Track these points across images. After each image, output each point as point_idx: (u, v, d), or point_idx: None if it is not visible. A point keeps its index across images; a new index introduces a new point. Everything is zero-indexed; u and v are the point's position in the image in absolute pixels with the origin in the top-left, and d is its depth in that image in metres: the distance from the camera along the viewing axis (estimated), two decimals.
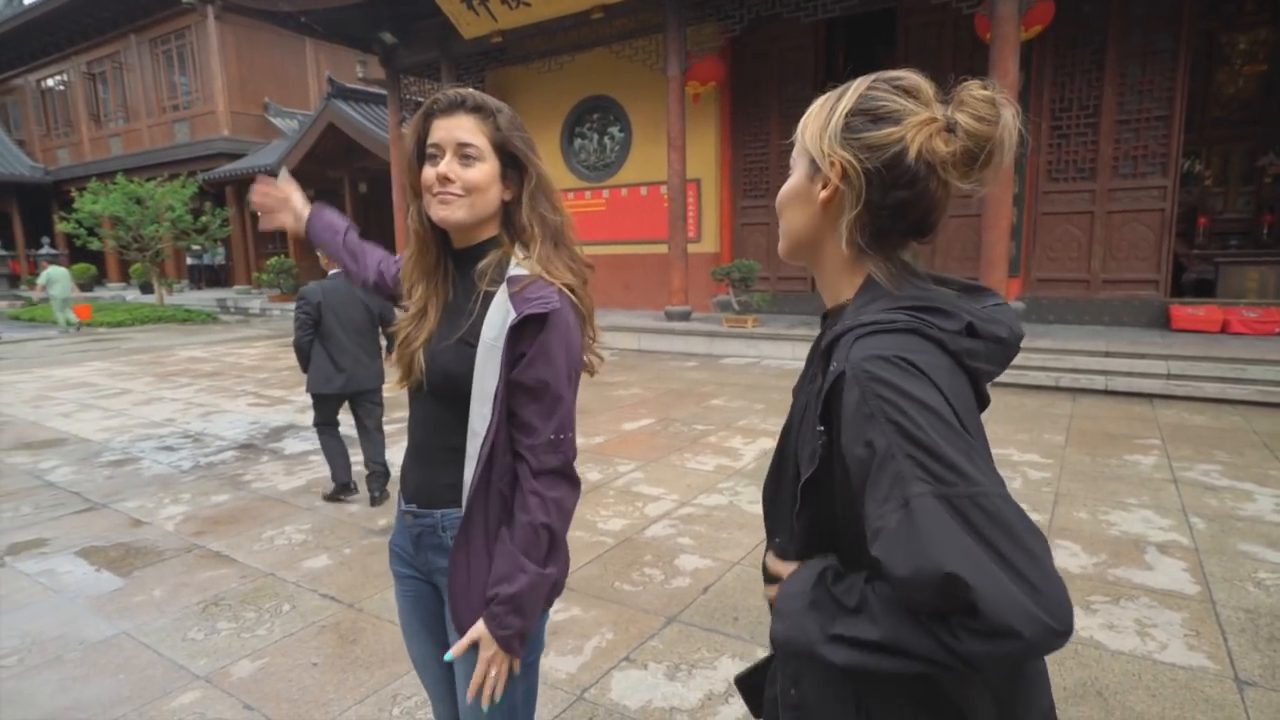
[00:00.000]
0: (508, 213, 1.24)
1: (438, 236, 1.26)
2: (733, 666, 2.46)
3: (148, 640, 2.74)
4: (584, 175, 12.68)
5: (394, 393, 1.83)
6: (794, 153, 0.90)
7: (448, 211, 1.18)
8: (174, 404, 7.17)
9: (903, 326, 0.76)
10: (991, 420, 5.72)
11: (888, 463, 0.69)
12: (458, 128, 1.16)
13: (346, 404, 4.26)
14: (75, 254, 23.24)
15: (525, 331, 1.13)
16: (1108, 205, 8.73)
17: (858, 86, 0.85)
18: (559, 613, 2.87)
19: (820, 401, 0.78)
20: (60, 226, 17.15)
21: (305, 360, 4.13)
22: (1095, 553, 3.29)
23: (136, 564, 3.44)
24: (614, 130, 12.29)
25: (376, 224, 17.08)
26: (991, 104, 0.81)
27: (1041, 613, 0.62)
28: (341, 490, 4.26)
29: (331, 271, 4.08)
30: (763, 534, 0.94)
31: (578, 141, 12.74)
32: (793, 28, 10.17)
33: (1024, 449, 4.93)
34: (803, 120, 0.89)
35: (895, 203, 0.81)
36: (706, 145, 11.14)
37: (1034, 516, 3.68)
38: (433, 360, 1.21)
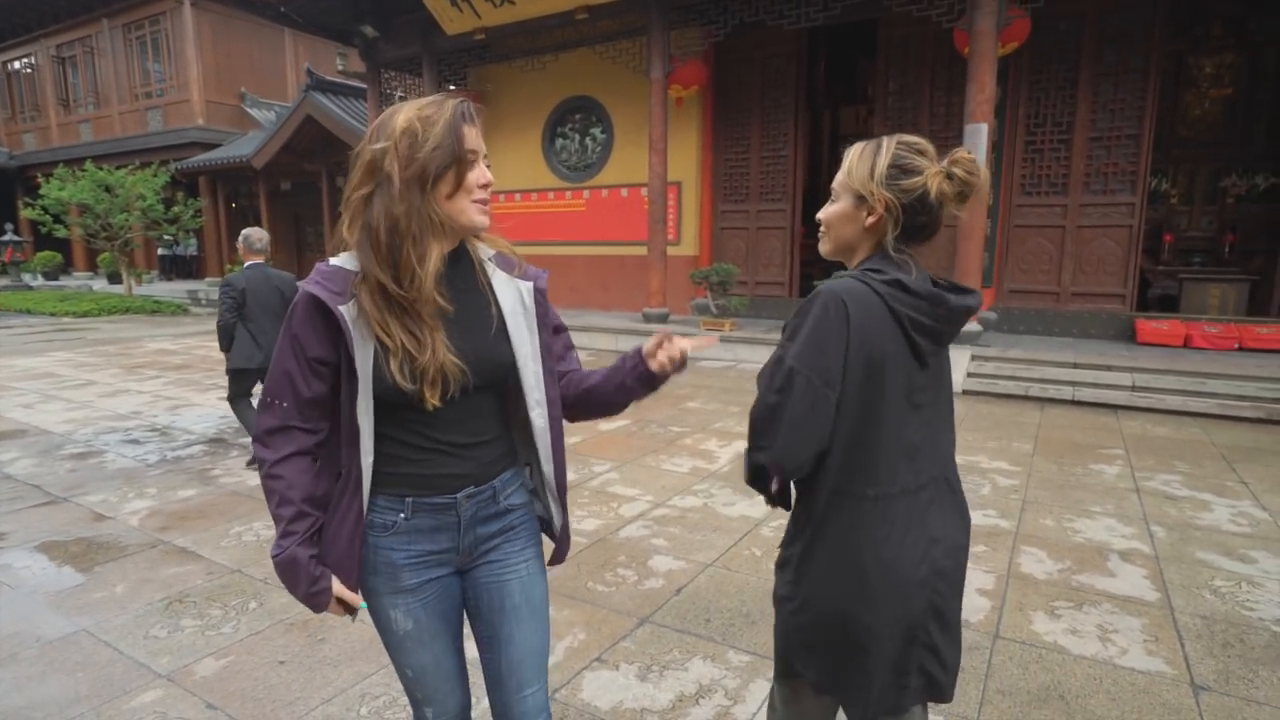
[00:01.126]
0: None
1: None
2: (704, 668, 2.47)
3: (108, 638, 2.68)
4: (565, 175, 12.66)
5: None
6: (837, 185, 1.36)
7: (487, 219, 1.26)
8: (141, 396, 7.02)
9: (856, 277, 1.29)
10: (962, 428, 5.81)
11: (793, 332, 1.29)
12: (481, 139, 1.23)
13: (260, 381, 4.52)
14: (40, 241, 22.67)
15: (545, 294, 1.37)
16: (1078, 220, 8.91)
17: (889, 146, 1.31)
18: None
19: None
20: (25, 213, 16.71)
21: (228, 340, 4.61)
22: (1060, 559, 3.35)
23: (98, 559, 3.36)
24: (596, 131, 12.28)
25: None
26: (974, 163, 1.29)
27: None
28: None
29: (248, 262, 4.67)
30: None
31: (559, 141, 12.71)
32: (776, 34, 10.24)
33: (993, 456, 5.02)
34: (847, 165, 1.34)
35: (919, 224, 1.31)
36: (688, 148, 11.18)
37: (1001, 523, 3.75)
38: (479, 358, 1.25)
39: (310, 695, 2.32)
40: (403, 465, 1.27)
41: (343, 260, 1.23)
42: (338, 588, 1.26)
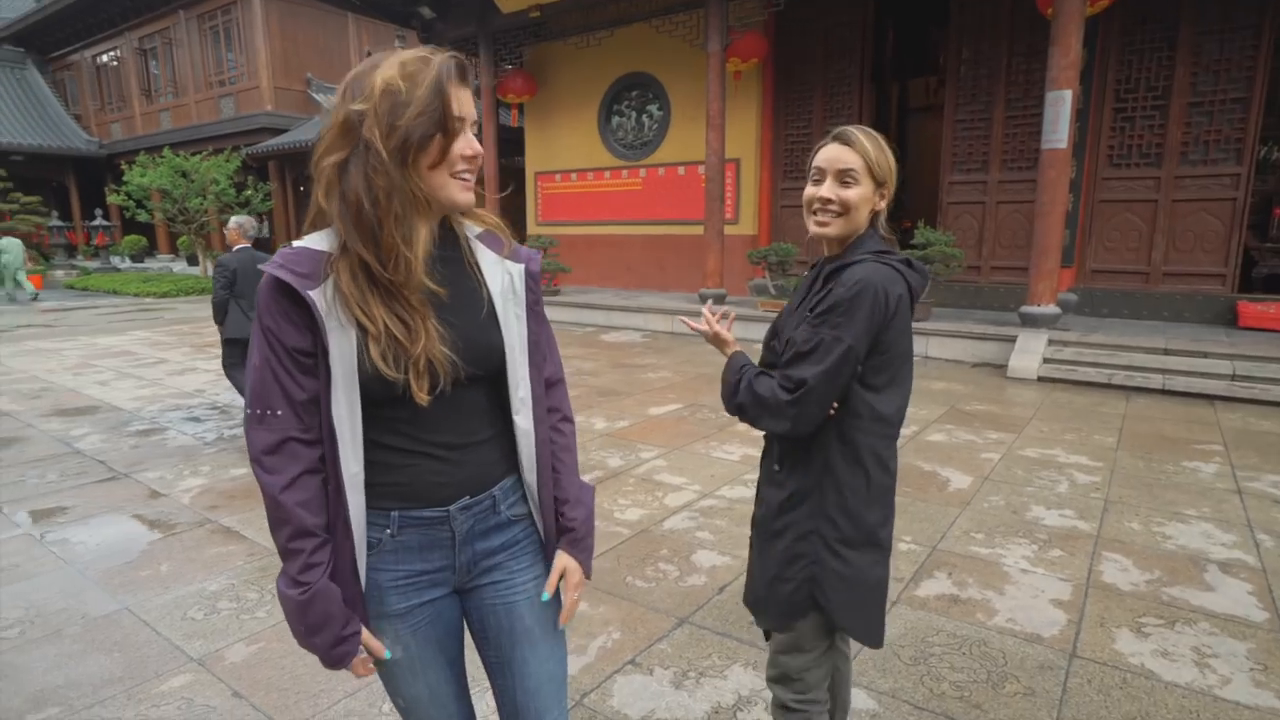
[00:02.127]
0: None
1: None
2: (744, 677, 2.30)
3: (148, 617, 2.69)
4: (621, 154, 12.47)
5: None
6: (857, 169, 1.42)
7: (469, 195, 1.10)
8: (207, 375, 7.23)
9: (882, 262, 1.41)
10: (1036, 417, 5.42)
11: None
12: (472, 102, 1.08)
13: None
14: (127, 225, 23.90)
15: (537, 278, 1.23)
16: (1173, 193, 8.21)
17: (885, 140, 1.47)
18: None
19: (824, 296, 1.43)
20: (111, 198, 17.57)
21: (222, 313, 4.97)
22: (1148, 569, 3.03)
23: (148, 537, 3.41)
24: (652, 108, 12.03)
25: None
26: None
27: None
28: None
29: (237, 246, 5.04)
30: None
31: (615, 119, 12.52)
32: (840, 2, 9.76)
33: (1071, 450, 4.64)
34: (867, 151, 1.42)
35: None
36: (747, 124, 10.82)
37: (1080, 525, 3.44)
38: (470, 346, 1.10)
39: (333, 688, 2.25)
40: (387, 473, 1.11)
41: (310, 240, 1.06)
42: (365, 635, 1.12)
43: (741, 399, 1.47)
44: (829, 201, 1.43)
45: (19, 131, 22.82)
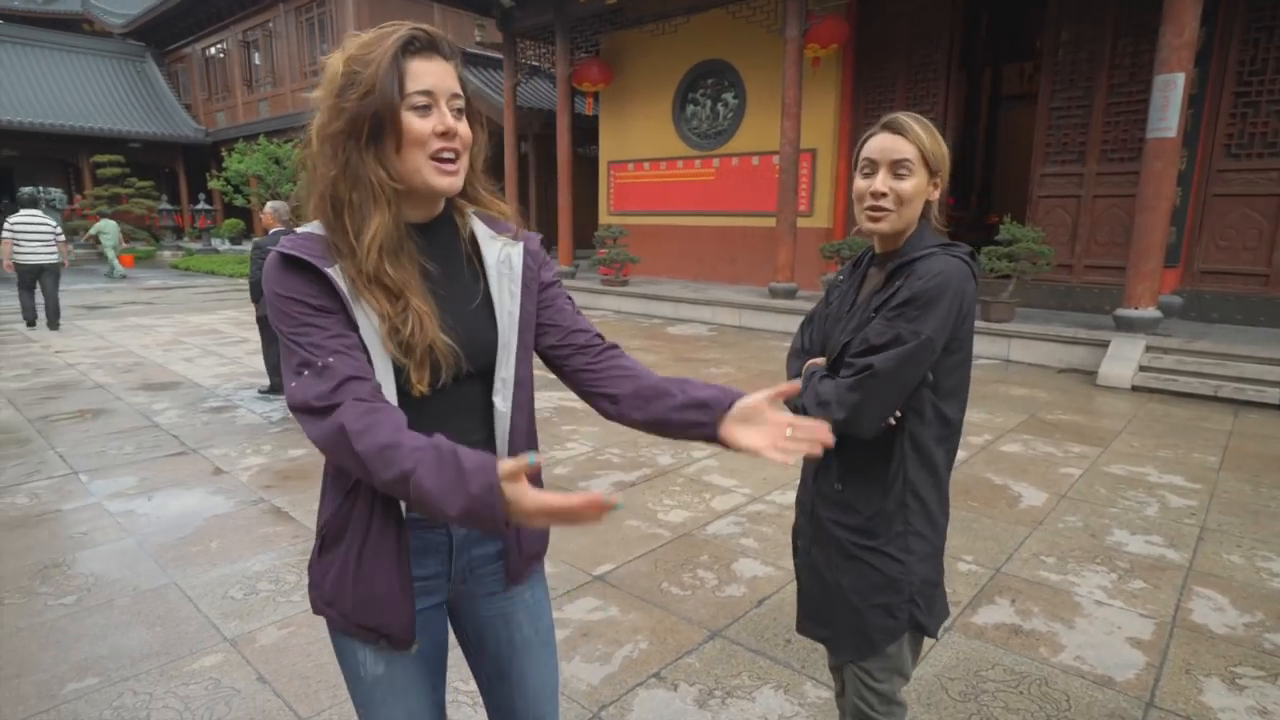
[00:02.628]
0: None
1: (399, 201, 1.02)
2: (774, 700, 2.15)
3: (192, 593, 2.76)
4: (694, 143, 12.26)
5: None
6: (912, 159, 1.33)
7: (448, 179, 1.00)
8: None
9: (954, 255, 1.34)
10: (1127, 431, 4.98)
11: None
12: (449, 75, 0.99)
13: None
14: (227, 210, 25.27)
15: (536, 256, 1.15)
16: None
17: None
18: (595, 611, 2.66)
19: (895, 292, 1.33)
20: (212, 184, 18.57)
21: (258, 293, 5.40)
22: (1248, 609, 2.70)
23: (204, 513, 3.52)
24: (728, 96, 11.77)
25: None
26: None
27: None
28: (275, 390, 5.69)
29: (272, 230, 5.31)
30: None
31: (690, 108, 12.31)
32: None
33: (1165, 469, 4.23)
34: (921, 139, 1.34)
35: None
36: (824, 113, 10.43)
37: (1169, 554, 3.11)
38: (472, 339, 1.04)
39: None
40: None
41: (312, 228, 1.02)
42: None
43: (803, 400, 1.37)
44: (883, 195, 1.34)
45: (137, 120, 24.44)
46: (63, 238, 9.24)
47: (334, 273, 0.96)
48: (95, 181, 22.33)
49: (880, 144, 1.34)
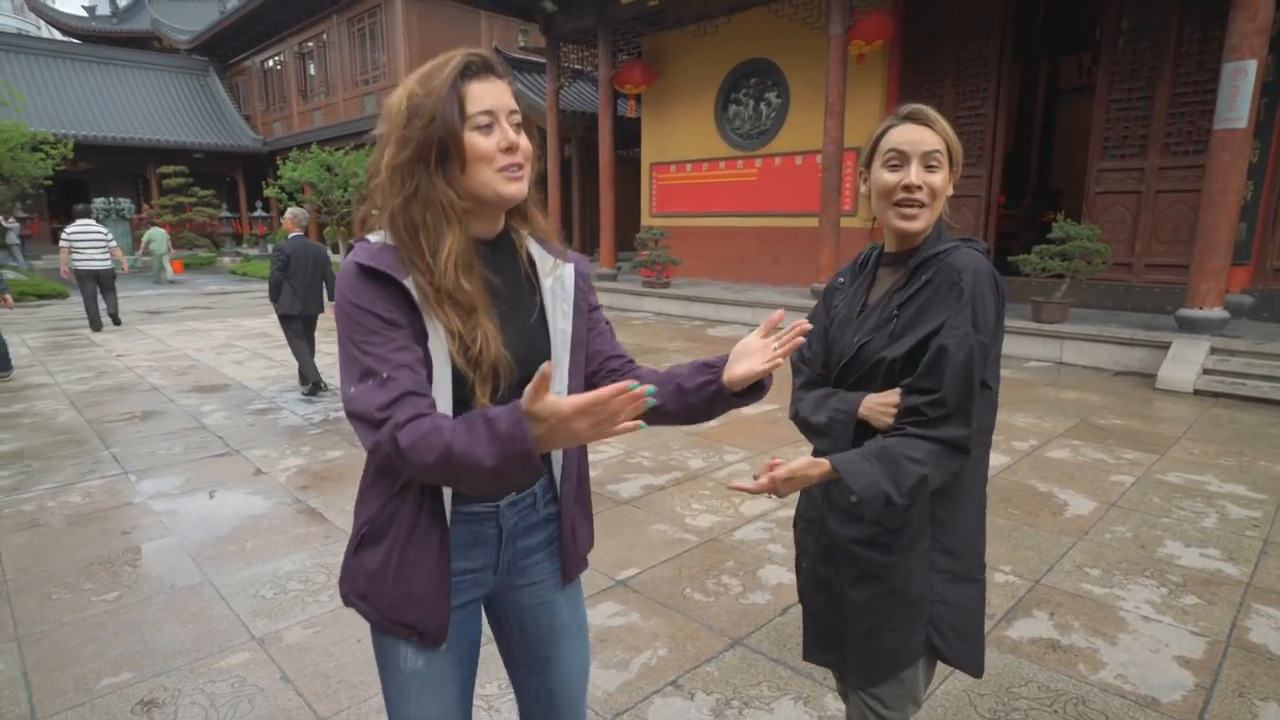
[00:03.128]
0: None
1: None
2: (791, 711, 2.09)
3: (225, 591, 2.83)
4: (737, 143, 12.16)
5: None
6: (940, 151, 1.29)
7: (517, 186, 1.07)
8: (328, 358, 7.67)
9: (976, 249, 1.32)
10: (1187, 437, 4.73)
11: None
12: (505, 93, 1.05)
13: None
14: (282, 217, 26.11)
15: (585, 278, 1.22)
16: None
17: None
18: (615, 617, 2.63)
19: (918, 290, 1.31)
20: (268, 191, 19.22)
21: (276, 292, 5.81)
22: None
23: (242, 513, 3.62)
24: (771, 96, 11.63)
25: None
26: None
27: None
28: (315, 389, 5.94)
29: (292, 234, 5.78)
30: None
31: (732, 108, 12.22)
32: None
33: (1227, 477, 3.99)
34: (947, 131, 1.30)
35: None
36: (869, 111, 10.22)
37: (1226, 568, 2.93)
38: (530, 351, 1.09)
39: (373, 680, 2.26)
40: None
41: (384, 236, 1.06)
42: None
43: (901, 486, 1.19)
44: (917, 189, 1.27)
45: (200, 132, 25.50)
46: (114, 244, 9.68)
47: (410, 284, 1.01)
48: (161, 191, 23.37)
49: (909, 135, 1.28)
